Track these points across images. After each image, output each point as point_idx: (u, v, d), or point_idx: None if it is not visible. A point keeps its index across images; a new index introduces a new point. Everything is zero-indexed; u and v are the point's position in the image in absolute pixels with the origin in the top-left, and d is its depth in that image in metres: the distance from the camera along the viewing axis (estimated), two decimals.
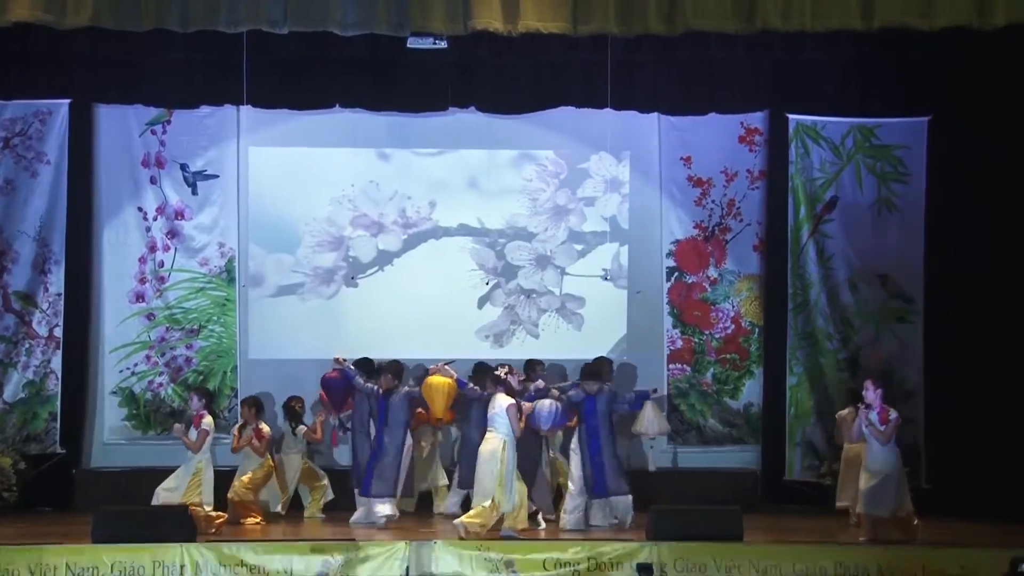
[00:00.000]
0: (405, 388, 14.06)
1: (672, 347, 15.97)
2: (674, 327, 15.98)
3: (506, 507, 12.95)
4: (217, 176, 15.81)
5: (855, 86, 15.65)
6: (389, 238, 15.98)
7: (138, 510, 12.89)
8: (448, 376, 14.26)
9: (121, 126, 15.74)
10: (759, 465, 15.80)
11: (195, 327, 15.73)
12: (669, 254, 16.03)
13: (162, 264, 15.75)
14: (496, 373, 13.61)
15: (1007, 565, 11.04)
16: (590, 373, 13.89)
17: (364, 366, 14.50)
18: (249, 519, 13.93)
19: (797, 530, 13.77)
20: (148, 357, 15.68)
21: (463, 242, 16.04)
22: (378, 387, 14.00)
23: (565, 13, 12.57)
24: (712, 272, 16.02)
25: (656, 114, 15.89)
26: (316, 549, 11.89)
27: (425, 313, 15.79)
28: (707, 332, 16.00)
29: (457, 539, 12.41)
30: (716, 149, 16.02)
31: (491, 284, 16.03)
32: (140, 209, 15.75)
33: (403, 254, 16.01)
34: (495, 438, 13.07)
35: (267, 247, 15.92)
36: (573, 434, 14.02)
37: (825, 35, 13.29)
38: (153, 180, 15.74)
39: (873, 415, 12.76)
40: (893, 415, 12.75)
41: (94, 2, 12.36)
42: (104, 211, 15.74)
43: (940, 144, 15.56)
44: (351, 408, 14.61)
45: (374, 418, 14.14)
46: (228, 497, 14.03)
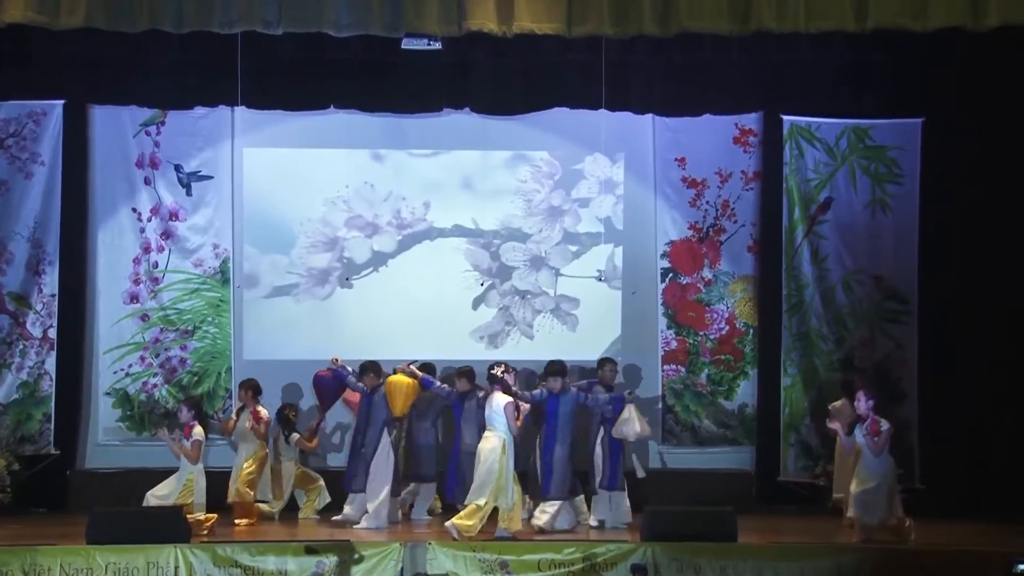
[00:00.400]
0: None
1: (666, 348, 15.97)
2: (668, 328, 15.98)
3: (504, 505, 12.97)
4: (211, 177, 15.80)
5: (849, 87, 15.65)
6: (384, 239, 15.97)
7: (132, 511, 12.89)
8: (411, 376, 14.02)
9: (115, 127, 15.73)
10: (753, 466, 15.81)
11: (189, 328, 15.71)
12: (663, 255, 16.03)
13: (156, 265, 15.74)
14: (493, 372, 13.55)
15: (1003, 566, 11.06)
16: (553, 372, 13.74)
17: (371, 368, 14.41)
18: (244, 520, 13.91)
19: (791, 531, 13.80)
20: (142, 358, 15.67)
21: (458, 243, 16.04)
22: (364, 386, 14.05)
23: (559, 14, 12.57)
24: (706, 273, 16.03)
25: (650, 115, 15.89)
26: (311, 550, 11.89)
27: (420, 314, 15.78)
28: (701, 333, 16.00)
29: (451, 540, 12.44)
30: (710, 150, 16.03)
31: (486, 285, 16.03)
32: (134, 210, 15.74)
33: (398, 255, 16.01)
34: (494, 437, 13.06)
35: (262, 248, 15.92)
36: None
37: (819, 36, 13.29)
38: (147, 181, 15.74)
39: (864, 427, 12.75)
40: (884, 426, 12.71)
41: (88, 3, 12.34)
42: (98, 212, 15.72)
43: (934, 145, 15.58)
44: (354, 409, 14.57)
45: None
46: (229, 501, 14.01)
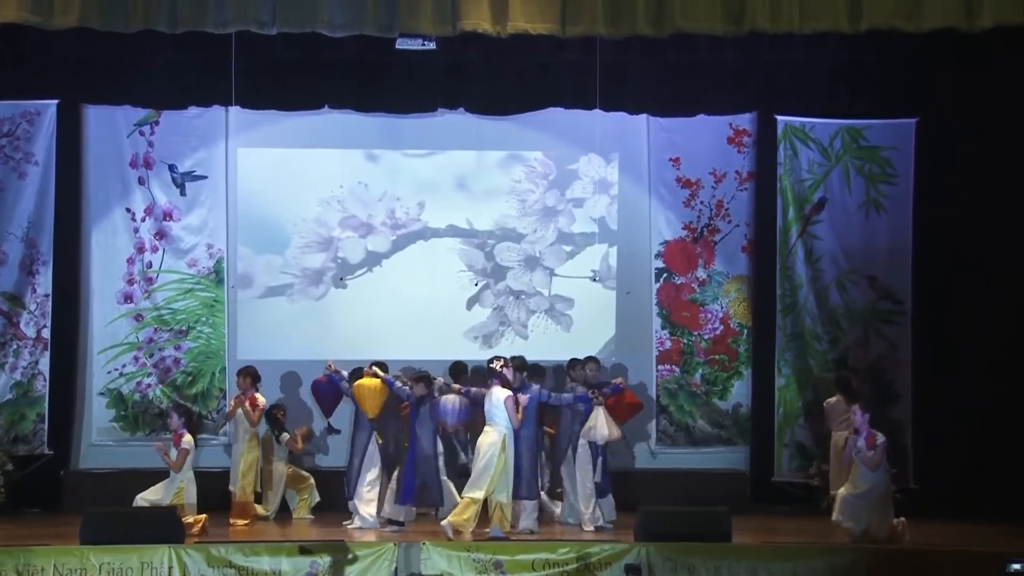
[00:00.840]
0: None
1: (661, 348, 15.98)
2: (663, 328, 15.99)
3: (504, 499, 12.97)
4: (205, 177, 15.79)
5: (843, 88, 15.65)
6: (378, 239, 15.97)
7: (126, 511, 12.89)
8: (377, 377, 13.96)
9: (109, 127, 15.72)
10: (748, 466, 15.80)
11: (183, 328, 15.70)
12: (658, 255, 16.03)
13: (150, 265, 15.72)
14: (491, 366, 13.48)
15: (997, 566, 11.07)
16: (517, 367, 13.62)
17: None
18: (240, 520, 13.90)
19: (786, 531, 13.82)
20: (136, 358, 15.65)
21: (452, 243, 16.04)
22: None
23: (554, 14, 12.56)
24: (701, 273, 16.03)
25: (645, 115, 15.90)
26: (304, 550, 11.89)
27: (414, 314, 15.78)
28: (696, 333, 16.00)
29: (445, 540, 12.44)
30: (705, 150, 16.03)
31: (480, 285, 16.02)
32: (128, 210, 15.72)
33: (392, 255, 16.00)
34: (494, 431, 13.05)
35: (256, 248, 15.90)
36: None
37: (813, 37, 13.29)
38: (141, 181, 15.72)
39: (861, 441, 12.74)
40: (880, 439, 12.70)
41: (82, 3, 12.32)
42: (92, 212, 15.71)
43: (928, 145, 15.59)
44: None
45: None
46: (237, 499, 14.00)
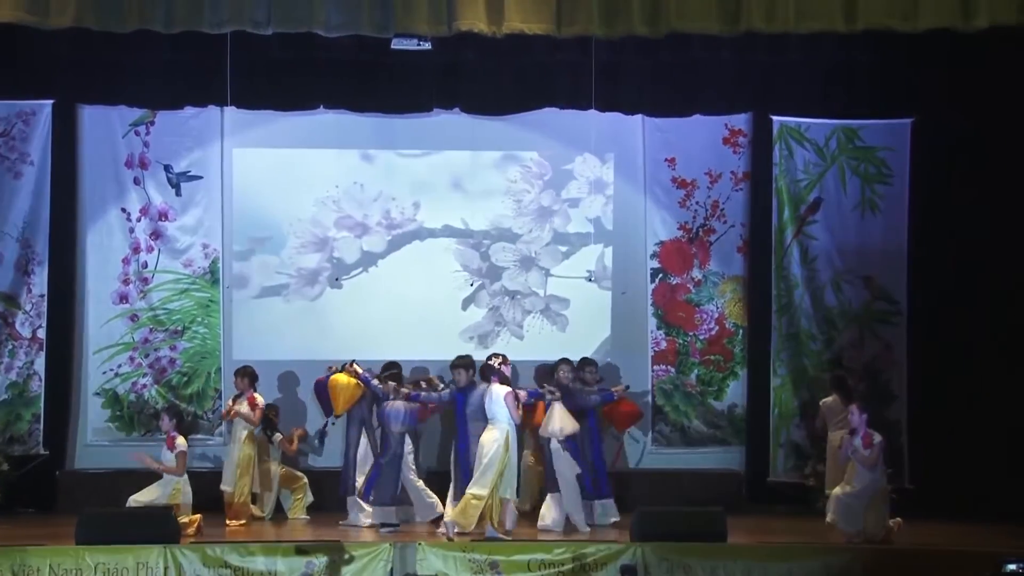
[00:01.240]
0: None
1: (656, 348, 15.97)
2: (658, 328, 15.98)
3: (509, 495, 12.99)
4: (201, 177, 15.77)
5: (839, 88, 15.66)
6: (373, 239, 15.96)
7: (122, 512, 12.87)
8: (352, 375, 13.96)
9: (105, 127, 15.70)
10: (743, 466, 15.81)
11: (179, 328, 15.69)
12: (653, 255, 16.03)
13: (146, 265, 15.70)
14: (489, 363, 13.44)
15: (992, 566, 11.06)
16: (457, 365, 13.57)
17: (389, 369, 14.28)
18: (235, 521, 13.89)
19: (781, 531, 13.81)
20: (132, 358, 15.63)
21: (447, 243, 16.03)
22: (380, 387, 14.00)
23: (549, 14, 12.55)
24: (696, 273, 16.03)
25: (640, 115, 15.89)
26: (300, 550, 11.88)
27: (409, 314, 15.77)
28: (691, 333, 16.00)
29: (443, 540, 12.44)
30: (700, 151, 16.03)
31: (475, 285, 16.02)
32: (124, 210, 15.71)
33: (387, 255, 15.99)
34: (495, 429, 13.01)
35: (251, 248, 15.89)
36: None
37: (809, 37, 13.30)
38: (137, 181, 15.71)
39: (857, 440, 12.73)
40: (877, 439, 12.68)
41: (77, 3, 12.29)
42: (87, 212, 15.69)
43: (924, 146, 15.59)
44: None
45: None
46: (233, 500, 14.00)
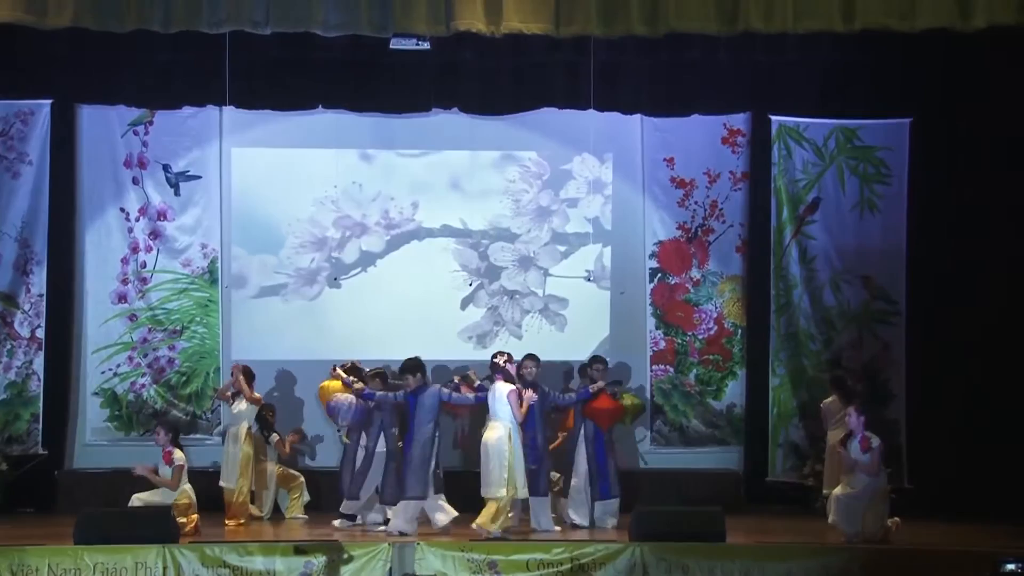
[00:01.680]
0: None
1: (655, 348, 15.97)
2: (657, 328, 15.99)
3: (522, 493, 13.01)
4: (200, 177, 15.78)
5: (837, 88, 15.66)
6: (372, 239, 15.96)
7: (120, 511, 12.85)
8: (336, 378, 13.88)
9: (103, 127, 15.71)
10: (742, 466, 15.82)
11: (178, 328, 15.69)
12: (652, 255, 16.04)
13: (144, 265, 15.71)
14: (495, 360, 13.44)
15: (990, 565, 11.07)
16: (406, 369, 13.42)
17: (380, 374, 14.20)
18: (234, 521, 13.89)
19: (780, 531, 13.82)
20: (131, 358, 15.64)
21: (446, 243, 16.04)
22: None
23: (548, 14, 12.55)
24: (695, 273, 16.03)
25: (639, 115, 15.90)
26: (299, 550, 11.88)
27: (408, 314, 15.77)
28: (690, 333, 16.00)
29: (439, 539, 12.44)
30: (699, 150, 16.04)
31: (474, 285, 16.03)
32: (122, 210, 15.72)
33: (386, 255, 16.00)
34: (500, 426, 13.02)
35: (250, 248, 15.90)
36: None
37: (807, 37, 13.31)
38: (135, 181, 15.71)
39: (855, 442, 12.71)
40: (875, 443, 12.63)
41: (76, 3, 12.29)
42: (86, 212, 15.70)
43: (922, 145, 15.60)
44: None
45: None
46: (233, 500, 14.00)
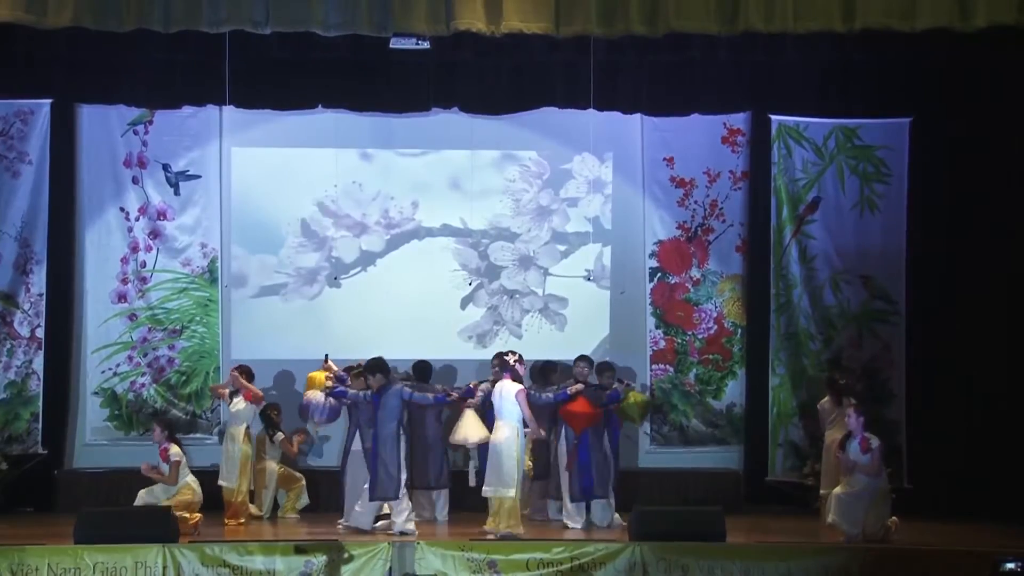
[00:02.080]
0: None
1: (655, 347, 15.97)
2: (657, 328, 15.98)
3: (519, 494, 13.09)
4: (199, 176, 15.78)
5: (837, 87, 15.67)
6: (372, 239, 15.96)
7: (120, 511, 12.88)
8: (326, 371, 13.93)
9: (103, 126, 15.71)
10: (741, 465, 15.82)
11: (177, 327, 15.69)
12: (652, 255, 16.03)
13: (144, 264, 15.71)
14: (504, 359, 13.45)
15: (990, 565, 11.07)
16: (370, 368, 13.41)
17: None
18: (233, 520, 13.90)
19: (779, 530, 13.82)
20: (130, 358, 15.64)
21: (446, 242, 16.04)
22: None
23: (548, 14, 12.54)
24: (695, 273, 16.03)
25: (639, 115, 15.89)
26: (299, 550, 11.88)
27: (408, 313, 15.77)
28: (690, 333, 16.00)
29: (438, 539, 12.47)
30: (699, 150, 16.03)
31: (474, 284, 16.03)
32: (122, 209, 15.71)
33: (386, 254, 16.00)
34: (506, 427, 13.07)
35: (250, 248, 15.90)
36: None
37: (807, 36, 13.27)
38: (135, 180, 15.71)
39: (855, 444, 12.72)
40: (875, 443, 12.64)
41: (75, 2, 12.26)
42: (86, 211, 15.70)
43: (922, 145, 15.60)
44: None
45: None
46: (232, 499, 13.99)
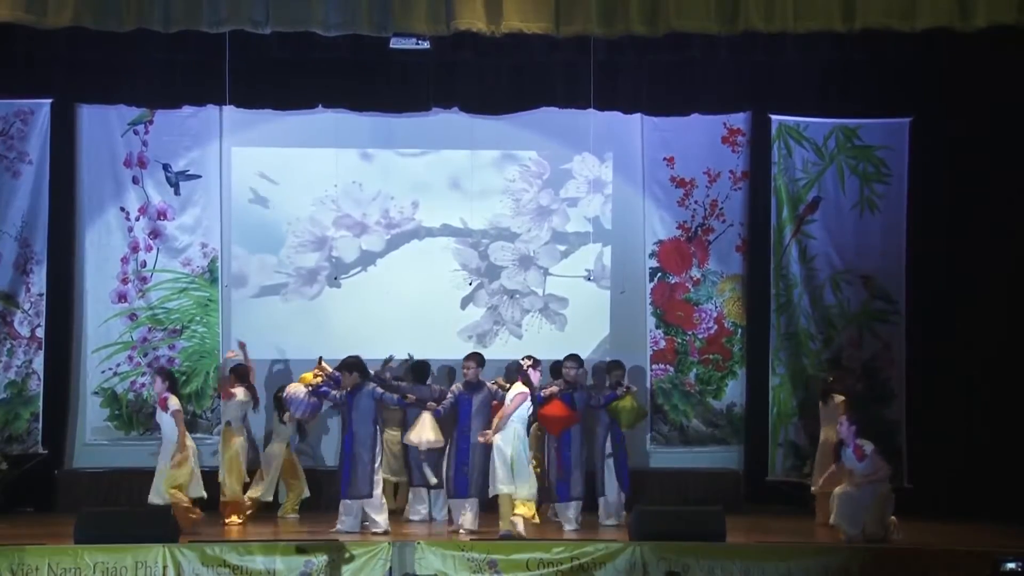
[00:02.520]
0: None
1: (655, 347, 15.97)
2: (657, 327, 15.99)
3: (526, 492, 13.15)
4: (199, 176, 15.79)
5: (837, 87, 15.67)
6: (372, 238, 15.97)
7: (120, 511, 12.90)
8: (321, 372, 13.87)
9: (103, 126, 15.72)
10: (742, 465, 15.82)
11: (178, 327, 15.70)
12: (652, 255, 16.04)
13: (144, 264, 15.72)
14: (520, 362, 13.49)
15: (990, 565, 11.08)
16: (345, 366, 13.45)
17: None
18: (233, 518, 13.90)
19: (779, 530, 13.82)
20: (130, 357, 15.64)
21: (446, 242, 16.05)
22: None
23: (548, 14, 12.54)
24: (695, 272, 16.03)
25: (639, 115, 15.90)
26: (300, 549, 11.88)
27: (408, 313, 15.78)
28: (690, 332, 16.01)
29: (437, 539, 12.49)
30: (699, 150, 16.04)
31: (474, 284, 16.03)
32: (122, 209, 15.72)
33: (386, 254, 16.00)
34: (510, 427, 13.11)
35: (250, 247, 15.91)
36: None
37: (807, 36, 13.28)
38: (135, 180, 15.72)
39: (848, 452, 12.71)
40: (868, 449, 12.62)
41: (75, 2, 12.26)
42: (86, 211, 15.70)
43: (922, 145, 15.60)
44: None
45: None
46: (227, 498, 14.00)
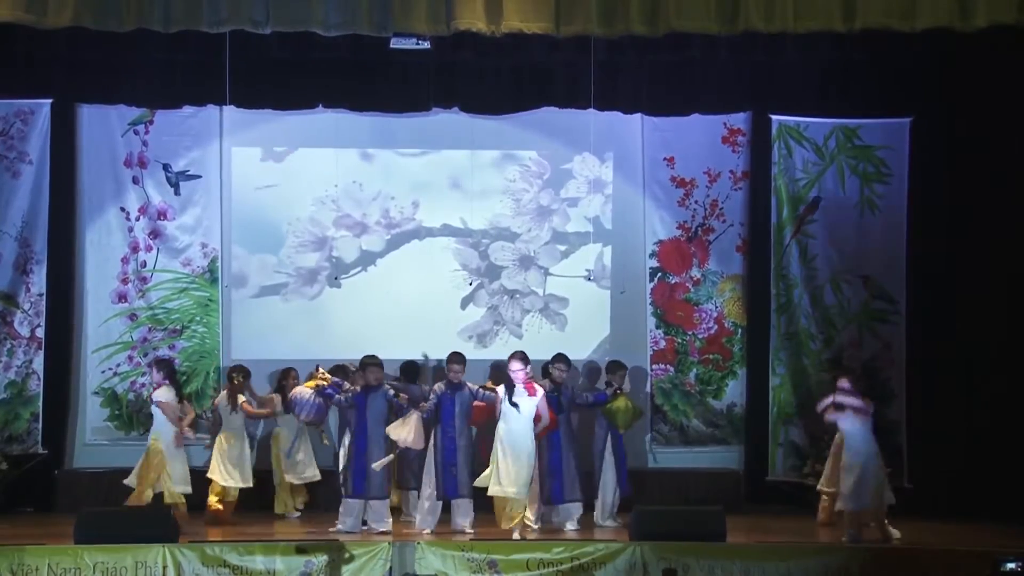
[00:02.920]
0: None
1: (655, 347, 15.97)
2: (657, 327, 15.99)
3: (509, 491, 13.23)
4: (200, 176, 15.78)
5: (837, 87, 15.67)
6: (372, 238, 15.96)
7: (120, 511, 12.91)
8: (320, 378, 13.95)
9: (103, 126, 15.71)
10: (742, 465, 15.82)
11: (178, 327, 15.69)
12: (652, 255, 16.04)
13: (144, 264, 15.71)
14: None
15: (990, 565, 11.07)
16: (372, 363, 13.51)
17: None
18: (214, 499, 14.04)
19: (780, 530, 13.82)
20: (131, 357, 15.63)
21: (446, 242, 16.04)
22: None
23: (548, 14, 12.55)
24: (695, 273, 16.03)
25: (639, 115, 15.90)
26: (300, 549, 11.88)
27: (408, 313, 15.78)
28: (690, 332, 16.00)
29: (437, 539, 12.50)
30: (699, 150, 16.04)
31: (474, 284, 16.03)
32: (123, 209, 15.71)
33: (386, 254, 16.00)
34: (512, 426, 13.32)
35: (250, 247, 15.91)
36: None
37: (807, 36, 13.29)
38: (136, 180, 15.71)
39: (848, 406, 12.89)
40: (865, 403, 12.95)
41: (76, 2, 12.27)
42: (86, 211, 15.69)
43: (922, 145, 15.60)
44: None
45: None
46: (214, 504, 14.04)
